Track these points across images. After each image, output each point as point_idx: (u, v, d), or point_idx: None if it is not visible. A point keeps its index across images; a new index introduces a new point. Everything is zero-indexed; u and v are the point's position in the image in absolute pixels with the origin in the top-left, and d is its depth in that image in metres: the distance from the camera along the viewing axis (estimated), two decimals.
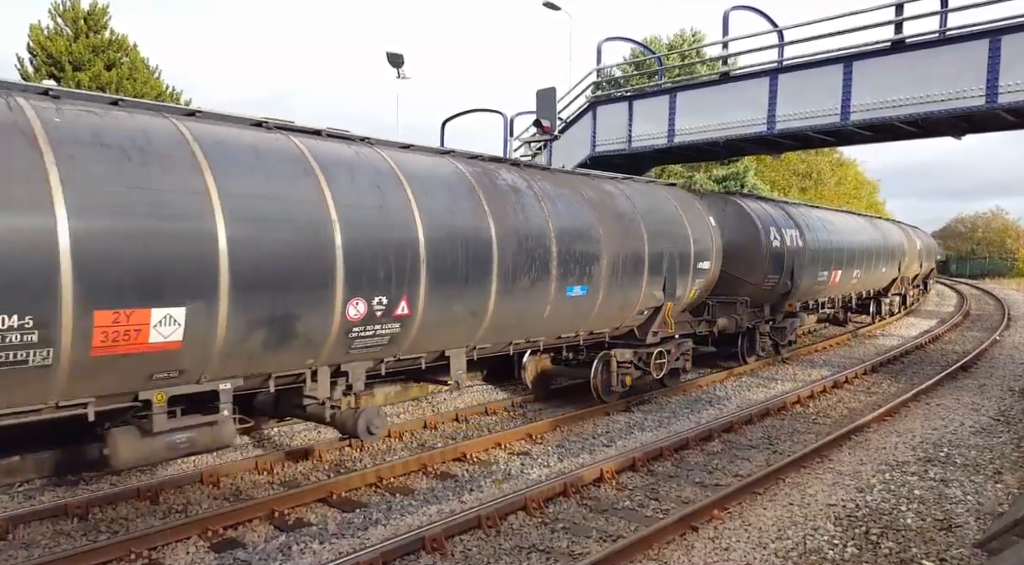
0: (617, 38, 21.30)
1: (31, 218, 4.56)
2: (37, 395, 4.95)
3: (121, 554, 5.38)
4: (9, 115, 4.80)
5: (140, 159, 5.22)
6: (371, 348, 6.89)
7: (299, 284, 5.98)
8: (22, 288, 4.51)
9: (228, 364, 5.82)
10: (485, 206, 7.84)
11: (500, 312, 7.94)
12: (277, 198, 5.93)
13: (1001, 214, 73.49)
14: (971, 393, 11.93)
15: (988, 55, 11.76)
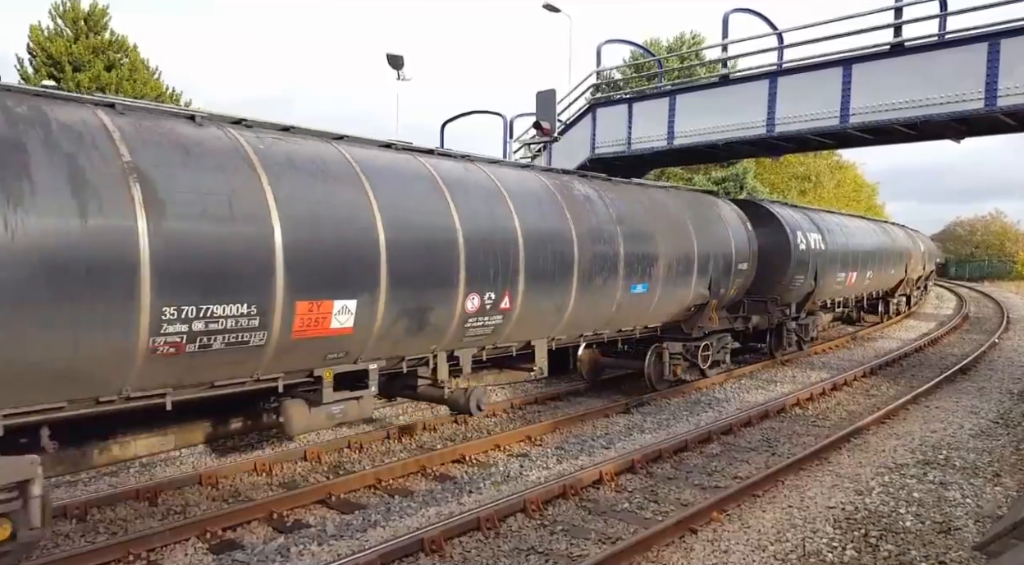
0: (617, 40, 21.32)
1: (259, 227, 5.71)
2: (249, 370, 6.06)
3: (120, 555, 5.38)
4: (231, 143, 5.95)
5: (323, 178, 6.42)
6: (479, 337, 8.11)
7: (432, 281, 7.18)
8: (251, 282, 5.65)
9: (379, 347, 7.03)
10: (567, 214, 9.08)
11: (578, 307, 9.15)
12: (417, 210, 7.16)
13: (1000, 217, 73.63)
14: (970, 396, 11.93)
15: (987, 58, 11.78)
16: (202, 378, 5.81)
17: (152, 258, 5.05)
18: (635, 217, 10.33)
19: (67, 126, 5.00)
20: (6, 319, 4.50)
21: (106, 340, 4.98)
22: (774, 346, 15.35)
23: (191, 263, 5.29)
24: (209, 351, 5.55)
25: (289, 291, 5.86)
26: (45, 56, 25.90)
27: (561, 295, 8.86)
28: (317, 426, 6.94)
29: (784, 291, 14.74)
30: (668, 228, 10.90)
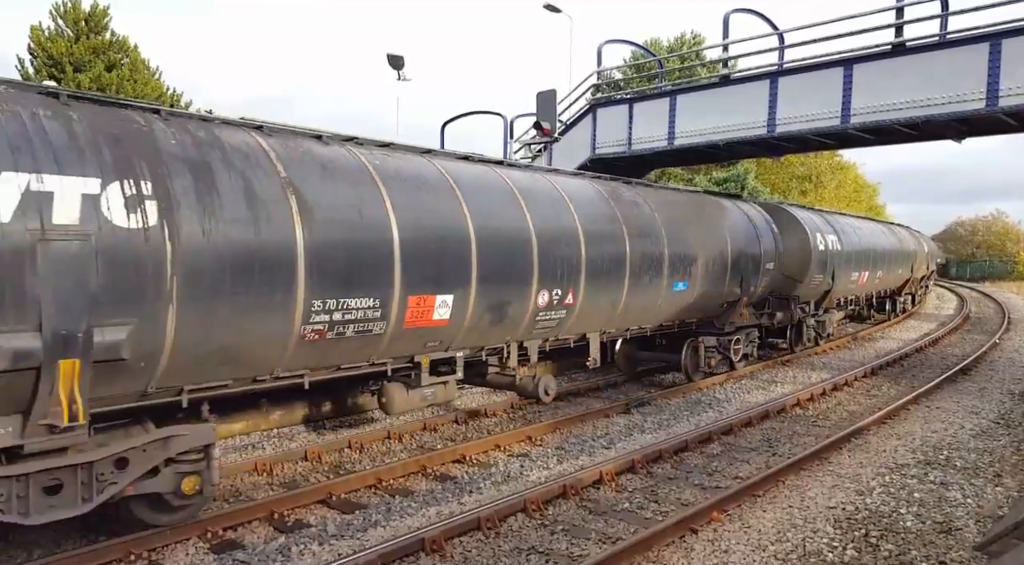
0: (617, 41, 21.33)
1: (382, 232, 6.72)
2: (368, 355, 7.02)
3: (120, 555, 5.38)
4: (355, 160, 6.99)
5: (425, 189, 7.38)
6: (545, 329, 9.03)
7: (511, 279, 8.11)
8: (376, 280, 6.64)
9: (466, 337, 7.93)
10: (619, 218, 10.03)
11: (628, 303, 10.09)
12: (500, 216, 8.14)
13: (1001, 217, 73.58)
14: (971, 396, 11.93)
15: (988, 58, 11.78)
16: (333, 361, 6.76)
17: (306, 258, 6.01)
18: (677, 220, 11.32)
19: (236, 148, 5.96)
20: (203, 309, 5.40)
21: (270, 328, 5.94)
22: (794, 341, 16.21)
23: (333, 263, 6.26)
24: (343, 338, 6.52)
25: (404, 287, 6.88)
26: (46, 56, 25.93)
27: (614, 292, 9.79)
28: (413, 406, 7.83)
29: (804, 289, 15.57)
30: (706, 230, 11.94)
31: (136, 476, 5.41)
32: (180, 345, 5.34)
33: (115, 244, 4.92)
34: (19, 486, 4.84)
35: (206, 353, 5.57)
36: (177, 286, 5.21)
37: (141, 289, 5.06)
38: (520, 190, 8.64)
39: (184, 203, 5.33)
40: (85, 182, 4.86)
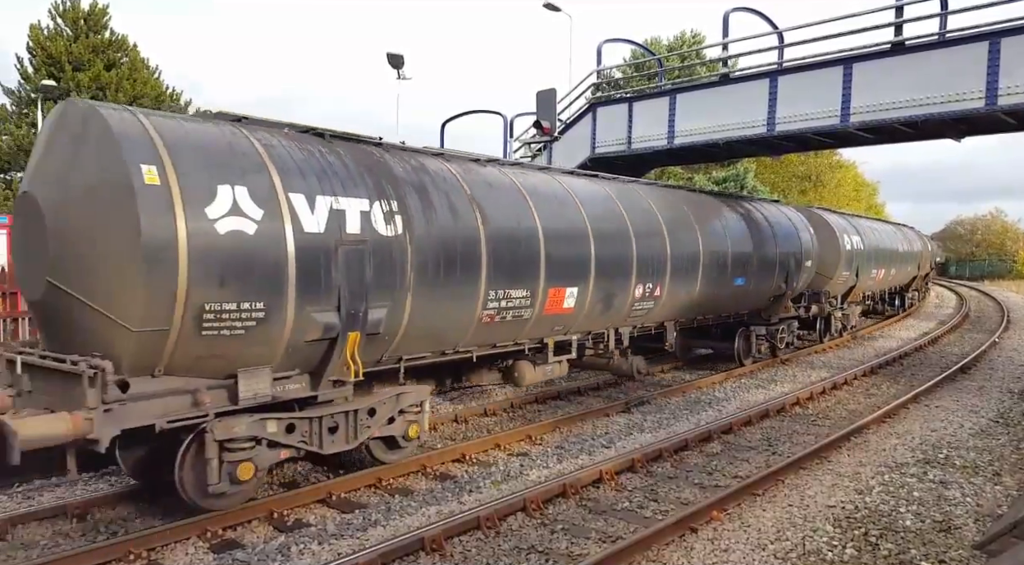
0: (617, 39, 21.31)
1: (533, 237, 8.35)
2: (514, 336, 8.59)
3: (120, 555, 5.37)
4: (508, 179, 8.68)
5: (557, 201, 9.13)
6: (637, 317, 10.65)
7: (618, 275, 9.75)
8: (529, 275, 8.24)
9: (582, 323, 9.54)
10: (695, 225, 11.71)
11: (700, 296, 11.83)
12: (609, 222, 9.83)
13: (1000, 216, 73.55)
14: (970, 395, 11.93)
15: (988, 57, 11.77)
16: (493, 340, 8.36)
17: (486, 257, 7.65)
18: (738, 225, 13.17)
19: (437, 172, 7.75)
20: (426, 296, 7.04)
21: (462, 312, 7.58)
22: (823, 332, 17.77)
23: (502, 261, 7.87)
24: (504, 322, 8.16)
25: (547, 281, 8.48)
26: (45, 55, 25.91)
27: (690, 286, 11.48)
28: (537, 380, 9.34)
29: (833, 285, 17.41)
30: (759, 232, 13.68)
31: (381, 423, 7.13)
32: (410, 324, 7.03)
33: (379, 248, 6.64)
34: (315, 425, 6.50)
35: (423, 330, 7.26)
36: (412, 279, 6.92)
37: (393, 281, 6.76)
38: (622, 203, 10.39)
39: (415, 216, 7.06)
40: (361, 202, 6.60)
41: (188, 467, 5.79)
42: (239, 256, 5.61)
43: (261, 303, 5.76)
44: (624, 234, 9.94)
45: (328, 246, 6.17)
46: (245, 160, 5.90)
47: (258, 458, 6.02)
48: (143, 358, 5.41)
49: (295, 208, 6.01)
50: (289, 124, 6.85)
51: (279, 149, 6.26)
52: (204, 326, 5.52)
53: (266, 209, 5.82)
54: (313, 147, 6.62)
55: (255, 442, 5.99)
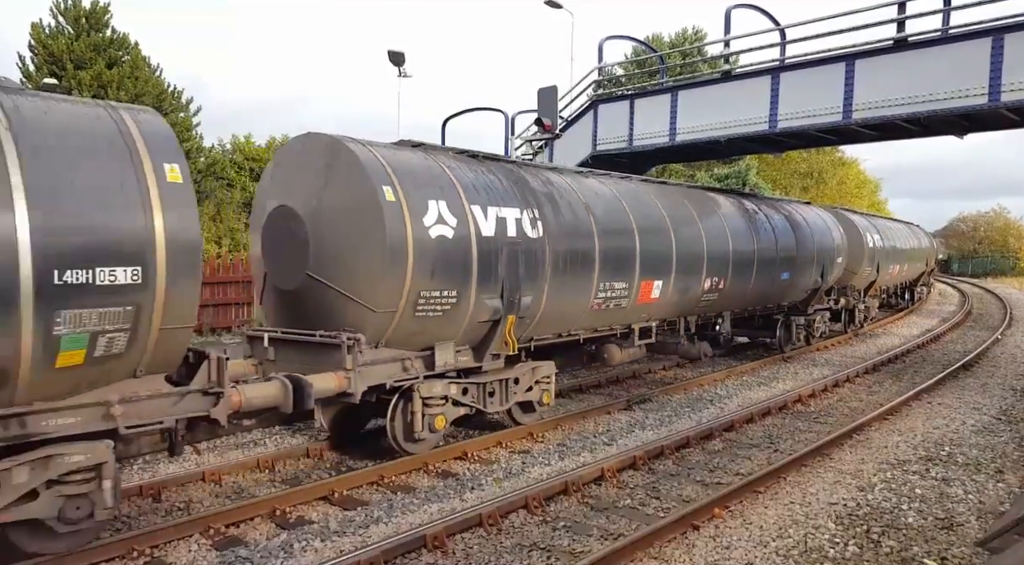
0: (619, 36, 21.29)
1: (631, 238, 10.01)
2: (611, 322, 10.21)
3: (123, 552, 5.39)
4: (609, 189, 10.36)
5: (649, 206, 10.75)
6: (703, 307, 12.27)
7: (691, 270, 11.30)
8: (627, 269, 9.87)
9: (662, 312, 11.15)
10: (749, 229, 13.28)
11: (753, 289, 13.48)
12: (687, 225, 11.33)
13: (1003, 213, 73.23)
14: (973, 392, 11.92)
15: (991, 53, 11.75)
16: (596, 325, 9.93)
17: (599, 254, 9.34)
18: (782, 224, 14.73)
19: (558, 184, 9.42)
20: (556, 287, 8.66)
21: (579, 300, 9.21)
22: (847, 322, 19.18)
23: (609, 258, 9.47)
24: (607, 310, 9.77)
25: (640, 275, 10.07)
26: (46, 54, 25.89)
27: (747, 280, 13.06)
28: (624, 360, 10.87)
29: (857, 279, 19.03)
30: (800, 232, 15.23)
31: (523, 390, 8.72)
32: (544, 310, 8.65)
33: (528, 248, 8.30)
34: (481, 390, 8.19)
35: (551, 315, 8.84)
36: (549, 272, 8.57)
37: (536, 274, 8.39)
38: (696, 211, 11.96)
39: (550, 221, 8.68)
40: (515, 211, 8.24)
41: (398, 419, 7.56)
42: (443, 254, 7.36)
43: (454, 291, 7.54)
44: (696, 234, 11.55)
45: (497, 247, 7.94)
46: (441, 180, 7.71)
47: (447, 412, 7.79)
48: (377, 334, 7.18)
49: (475, 217, 7.80)
50: (449, 148, 8.65)
51: (457, 170, 8.03)
52: (417, 309, 7.32)
53: (458, 218, 7.59)
54: (475, 167, 8.43)
55: (445, 400, 7.74)
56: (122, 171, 4.94)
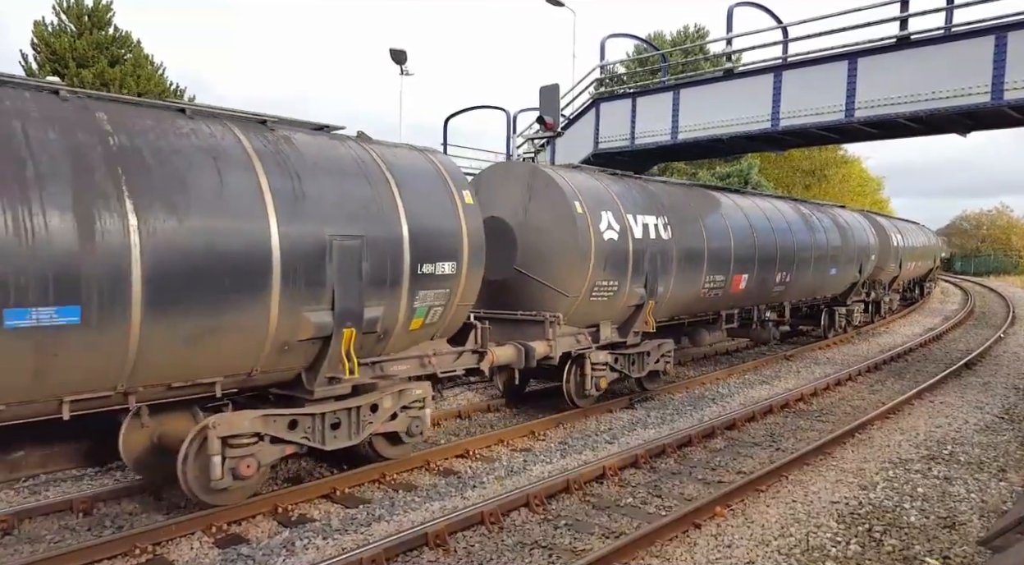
0: (620, 35, 21.26)
1: (728, 240, 12.01)
2: (710, 308, 12.37)
3: (125, 549, 5.40)
4: (716, 199, 12.75)
5: (734, 211, 12.91)
6: (773, 297, 14.43)
7: (768, 267, 13.36)
8: (723, 265, 11.80)
9: (743, 301, 13.26)
10: (809, 231, 15.39)
11: (812, 282, 15.73)
12: (763, 231, 13.34)
13: (1006, 211, 73.16)
14: (975, 391, 11.90)
15: (994, 51, 11.70)
16: (699, 310, 12.21)
17: (707, 253, 11.44)
18: (830, 225, 16.76)
19: (673, 193, 11.65)
20: (679, 277, 10.76)
21: (692, 289, 11.41)
22: (873, 313, 21.78)
23: (714, 257, 11.58)
24: (709, 298, 11.89)
25: (734, 269, 12.12)
26: (49, 52, 25.93)
27: (806, 275, 15.14)
28: (711, 342, 13.22)
29: (883, 275, 21.58)
30: (843, 232, 17.25)
31: (654, 361, 10.89)
32: (669, 297, 10.77)
33: (664, 248, 10.48)
34: (627, 360, 10.39)
35: (673, 302, 11.05)
36: (675, 268, 10.67)
37: (668, 269, 10.58)
38: (763, 209, 14.04)
39: (675, 226, 10.74)
40: (652, 218, 10.40)
41: (572, 380, 9.73)
42: (611, 253, 9.51)
43: (616, 281, 9.68)
44: (769, 240, 13.44)
45: (644, 247, 10.05)
46: (606, 195, 9.93)
47: (607, 377, 9.87)
48: (564, 314, 9.19)
49: (630, 224, 9.90)
50: (601, 169, 10.97)
51: (612, 186, 10.25)
52: (592, 295, 9.43)
53: (620, 225, 9.73)
54: (619, 182, 10.65)
55: (605, 366, 9.78)
56: (445, 196, 7.38)
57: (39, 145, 4.80)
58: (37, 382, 4.90)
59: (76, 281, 4.77)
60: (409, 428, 7.28)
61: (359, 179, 6.59)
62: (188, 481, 5.89)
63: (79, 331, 4.82)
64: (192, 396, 5.96)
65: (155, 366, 5.37)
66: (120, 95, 5.99)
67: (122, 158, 5.12)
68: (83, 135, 5.04)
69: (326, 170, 6.36)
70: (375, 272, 6.50)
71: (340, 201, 6.30)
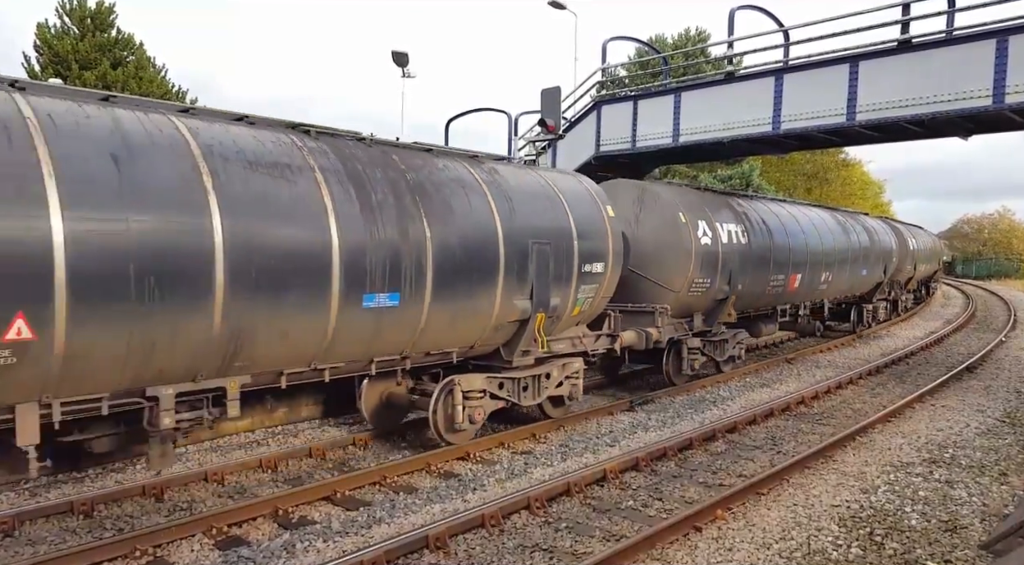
0: (622, 37, 21.27)
1: (785, 243, 14.41)
2: (771, 304, 14.94)
3: (126, 551, 5.40)
4: (780, 208, 15.63)
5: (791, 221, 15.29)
6: (816, 295, 16.42)
7: (816, 267, 15.61)
8: (785, 265, 14.33)
9: (796, 298, 15.54)
10: (844, 235, 17.59)
11: (847, 281, 17.98)
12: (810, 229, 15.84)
13: (1008, 215, 73.13)
14: (976, 394, 11.88)
15: (995, 55, 11.69)
16: (764, 305, 14.62)
17: (772, 255, 13.57)
18: (860, 229, 19.21)
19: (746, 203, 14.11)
20: (749, 275, 12.66)
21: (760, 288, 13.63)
22: (890, 311, 23.40)
23: (777, 259, 13.83)
24: (772, 294, 14.07)
25: (791, 270, 14.33)
26: (52, 54, 25.98)
27: (843, 275, 17.42)
28: (767, 333, 15.30)
29: (902, 276, 23.85)
30: (870, 237, 19.76)
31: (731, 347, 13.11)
32: (742, 291, 12.61)
33: (742, 251, 12.48)
34: (711, 346, 12.55)
35: (745, 296, 12.85)
36: (750, 268, 12.69)
37: (744, 269, 12.53)
38: (814, 221, 16.27)
39: (751, 232, 12.90)
40: (733, 226, 12.43)
41: (671, 362, 11.87)
42: (705, 256, 11.55)
43: (708, 279, 11.67)
44: (817, 240, 15.73)
45: (729, 250, 12.18)
46: (698, 206, 12.04)
47: (699, 360, 12.10)
48: (670, 307, 11.27)
49: (719, 230, 12.00)
50: (684, 184, 13.42)
51: (703, 198, 12.65)
52: (690, 290, 11.46)
53: (712, 232, 11.81)
54: (708, 195, 13.12)
55: (698, 351, 11.96)
56: (596, 211, 9.59)
57: (374, 181, 6.91)
58: (367, 348, 7.03)
59: (398, 274, 6.85)
60: (570, 393, 9.49)
61: (546, 199, 8.84)
62: (436, 422, 8.07)
63: (396, 311, 6.94)
64: (436, 362, 8.07)
65: (429, 338, 7.56)
66: (394, 140, 7.86)
67: (417, 189, 7.28)
68: (392, 173, 7.19)
69: (526, 193, 8.64)
70: (557, 270, 8.64)
71: (536, 216, 8.53)
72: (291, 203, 6.10)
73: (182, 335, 5.49)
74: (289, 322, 6.13)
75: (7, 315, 4.65)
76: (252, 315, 5.82)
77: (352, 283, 6.45)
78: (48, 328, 4.81)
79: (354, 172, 6.79)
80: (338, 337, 6.55)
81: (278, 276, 5.93)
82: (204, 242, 5.47)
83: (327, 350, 6.61)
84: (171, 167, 5.48)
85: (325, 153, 6.73)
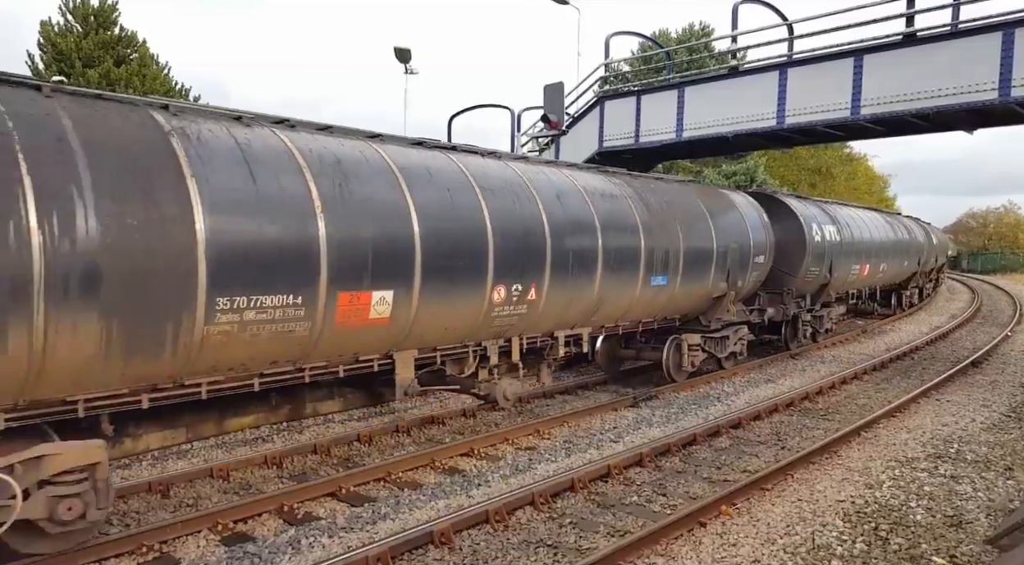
0: (625, 32, 21.21)
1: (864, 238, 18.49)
2: (849, 287, 19.02)
3: (132, 547, 5.43)
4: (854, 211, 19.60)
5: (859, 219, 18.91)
6: (874, 281, 20.30)
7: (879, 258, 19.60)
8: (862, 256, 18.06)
9: (862, 283, 19.64)
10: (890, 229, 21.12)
11: (890, 269, 20.89)
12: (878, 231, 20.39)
13: (1014, 209, 72.85)
14: (982, 389, 11.85)
15: (1001, 48, 11.62)
16: (843, 290, 18.39)
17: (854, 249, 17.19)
18: (901, 229, 22.76)
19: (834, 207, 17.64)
20: (842, 265, 16.30)
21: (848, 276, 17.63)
22: (898, 303, 25.27)
23: (860, 250, 17.64)
24: (853, 281, 18.16)
25: (864, 259, 18.02)
26: (55, 52, 26.04)
27: (893, 265, 20.77)
28: (840, 313, 18.57)
29: (928, 267, 27.01)
30: (909, 233, 23.40)
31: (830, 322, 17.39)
32: (834, 278, 15.97)
33: (837, 247, 15.81)
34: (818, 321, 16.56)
35: (835, 283, 16.16)
36: (842, 260, 16.07)
37: (838, 261, 16.02)
38: (875, 220, 19.91)
39: (842, 231, 16.24)
40: (831, 227, 15.80)
41: (791, 331, 15.40)
42: (817, 251, 14.57)
43: (817, 268, 14.55)
44: (877, 235, 18.83)
45: (830, 246, 15.22)
46: (810, 212, 14.91)
47: (812, 327, 15.72)
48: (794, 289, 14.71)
49: (824, 231, 15.14)
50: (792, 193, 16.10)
51: (811, 203, 16.20)
52: (805, 277, 14.30)
53: (820, 233, 14.88)
54: (811, 201, 16.16)
55: (808, 323, 15.21)
56: (757, 215, 13.18)
57: (671, 206, 11.01)
58: (646, 310, 10.62)
59: (665, 263, 10.44)
60: (741, 350, 12.91)
61: (732, 210, 12.45)
62: (668, 366, 11.46)
63: (664, 288, 10.52)
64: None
65: (678, 304, 11.18)
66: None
67: (686, 215, 11.23)
68: (687, 200, 11.59)
69: (723, 209, 12.25)
70: (742, 261, 12.14)
71: (731, 226, 12.04)
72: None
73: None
74: (630, 291, 9.92)
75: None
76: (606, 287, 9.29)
77: (648, 269, 9.99)
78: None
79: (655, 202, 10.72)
80: (634, 306, 10.08)
81: (621, 259, 9.57)
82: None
83: (625, 312, 10.11)
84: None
85: (627, 184, 10.59)
